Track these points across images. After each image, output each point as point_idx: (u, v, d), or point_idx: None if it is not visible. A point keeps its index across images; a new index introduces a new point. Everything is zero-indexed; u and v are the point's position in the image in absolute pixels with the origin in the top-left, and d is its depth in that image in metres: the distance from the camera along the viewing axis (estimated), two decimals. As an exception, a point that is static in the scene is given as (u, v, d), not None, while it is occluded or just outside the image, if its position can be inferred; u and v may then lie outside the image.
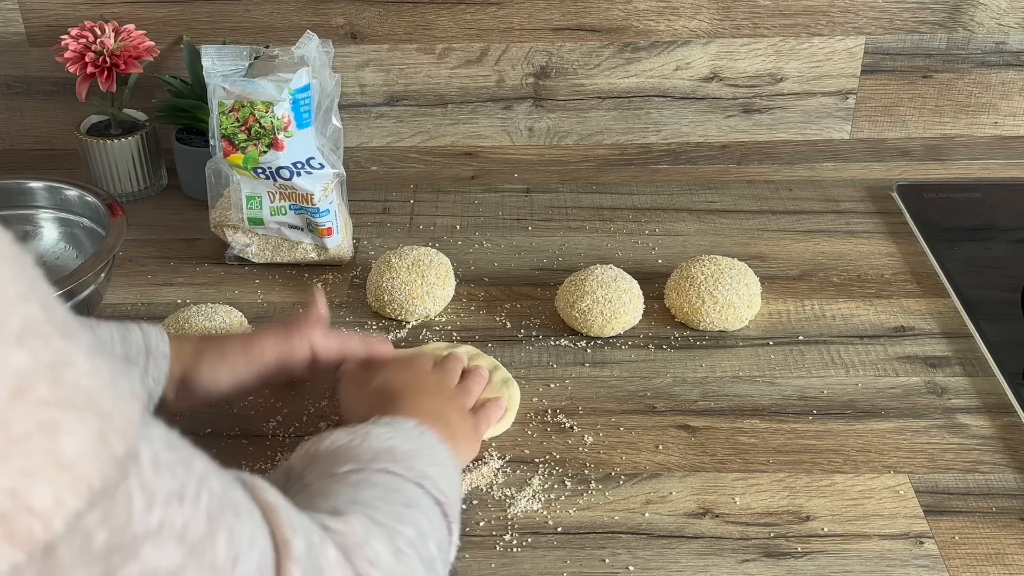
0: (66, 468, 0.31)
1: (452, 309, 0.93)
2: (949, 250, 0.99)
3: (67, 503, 0.31)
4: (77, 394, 0.32)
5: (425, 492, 0.58)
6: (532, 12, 1.11)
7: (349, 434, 0.60)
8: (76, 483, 0.31)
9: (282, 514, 0.42)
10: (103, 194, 0.96)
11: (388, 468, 0.58)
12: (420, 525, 0.55)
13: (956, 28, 1.12)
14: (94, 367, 0.34)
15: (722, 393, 0.84)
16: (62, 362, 0.32)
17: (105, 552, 0.32)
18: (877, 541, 0.71)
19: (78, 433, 0.32)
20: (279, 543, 0.40)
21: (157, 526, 0.34)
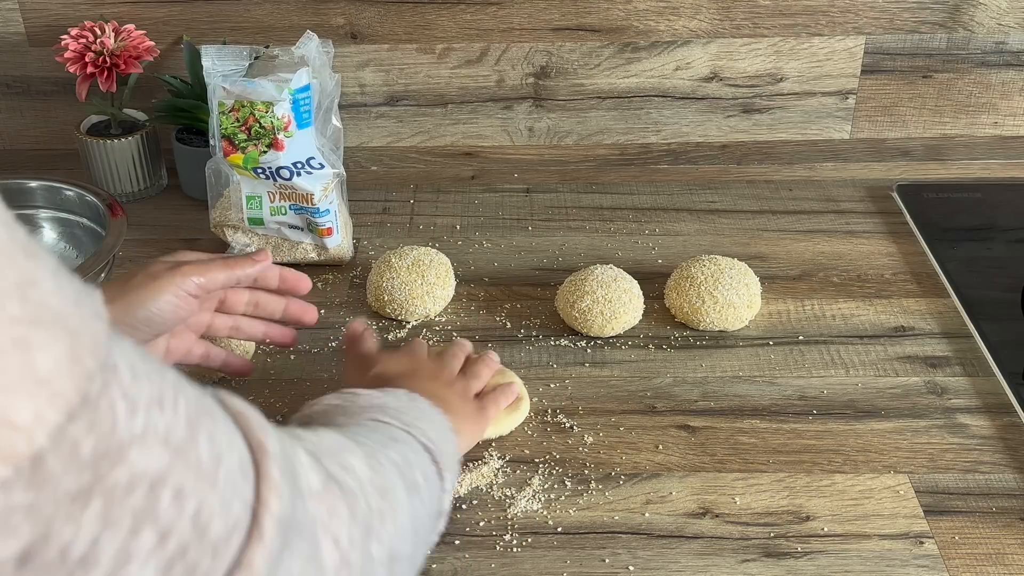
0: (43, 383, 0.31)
1: (452, 309, 0.93)
2: (949, 250, 0.99)
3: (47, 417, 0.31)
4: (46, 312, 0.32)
5: (413, 437, 0.59)
6: (532, 12, 1.11)
7: (339, 396, 0.62)
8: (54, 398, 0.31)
9: (253, 420, 0.42)
10: (103, 194, 0.96)
11: (376, 417, 0.60)
12: (405, 455, 0.56)
13: (956, 28, 1.12)
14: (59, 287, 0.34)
15: (722, 393, 0.84)
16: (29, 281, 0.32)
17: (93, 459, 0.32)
18: (877, 541, 0.71)
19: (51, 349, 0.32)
20: (254, 445, 0.41)
21: (142, 431, 0.34)
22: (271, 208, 0.96)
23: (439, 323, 0.92)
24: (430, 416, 0.64)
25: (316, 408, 0.62)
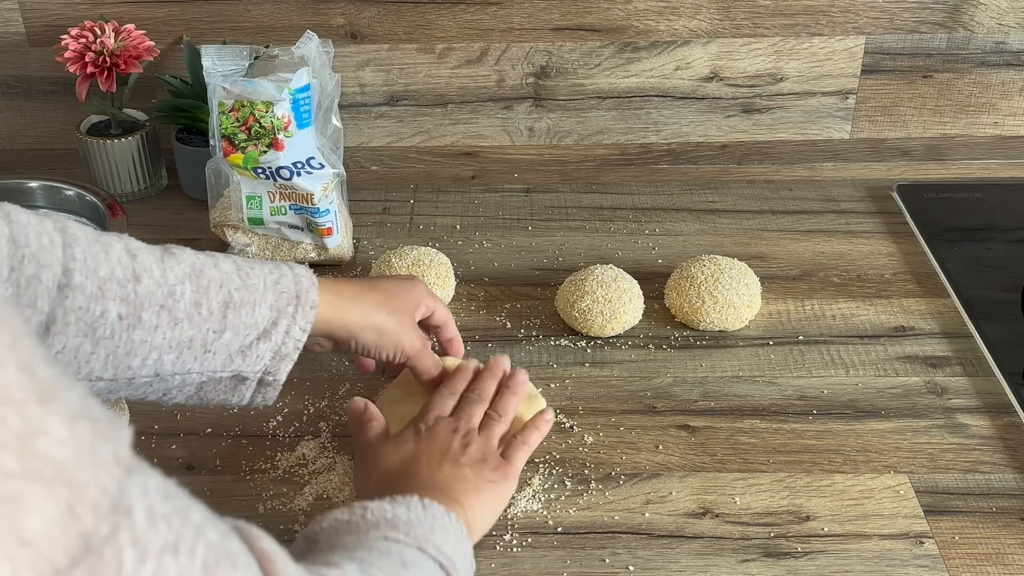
0: (27, 544, 0.30)
1: (452, 309, 0.93)
2: (949, 250, 0.99)
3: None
4: (47, 466, 0.31)
5: (427, 556, 0.57)
6: (532, 12, 1.11)
7: (349, 511, 0.60)
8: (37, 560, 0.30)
9: (278, 565, 0.41)
10: (103, 194, 0.97)
11: (387, 535, 0.57)
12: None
13: (956, 28, 1.12)
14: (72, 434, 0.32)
15: (722, 393, 0.84)
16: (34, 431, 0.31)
17: None
18: (877, 541, 0.71)
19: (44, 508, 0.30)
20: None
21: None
22: (271, 208, 0.96)
23: (439, 323, 0.92)
24: (444, 525, 0.61)
25: (324, 525, 0.59)
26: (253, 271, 0.67)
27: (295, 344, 0.68)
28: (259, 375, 0.67)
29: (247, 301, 0.66)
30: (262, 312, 0.66)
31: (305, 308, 0.68)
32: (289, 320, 0.67)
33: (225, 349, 0.65)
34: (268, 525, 0.71)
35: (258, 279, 0.67)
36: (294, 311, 0.67)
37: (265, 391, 0.69)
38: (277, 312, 0.67)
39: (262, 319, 0.66)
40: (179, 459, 0.78)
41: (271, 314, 0.66)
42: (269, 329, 0.66)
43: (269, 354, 0.67)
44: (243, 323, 0.65)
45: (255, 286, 0.66)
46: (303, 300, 0.68)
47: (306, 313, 0.68)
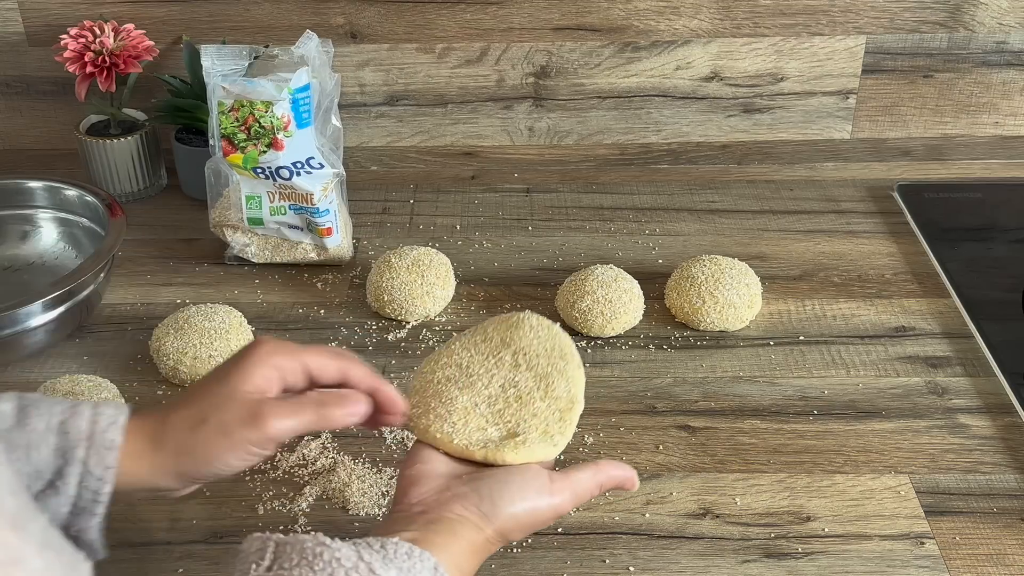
0: None
1: (452, 309, 0.93)
2: (950, 250, 0.99)
3: None
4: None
5: None
6: (532, 12, 1.10)
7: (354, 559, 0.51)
8: None
9: None
10: (103, 194, 0.96)
11: None
12: None
13: (957, 28, 1.12)
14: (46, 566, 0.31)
15: (722, 393, 0.84)
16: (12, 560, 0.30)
17: None
18: (878, 542, 0.70)
19: None
20: None
21: None
22: (271, 208, 0.95)
23: (439, 323, 0.92)
24: None
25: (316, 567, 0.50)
26: (38, 410, 0.56)
27: (95, 496, 0.55)
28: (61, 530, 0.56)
29: (19, 444, 0.55)
30: (43, 457, 0.55)
31: (100, 450, 0.55)
32: (80, 468, 0.55)
33: None
34: (268, 526, 0.71)
35: (39, 421, 0.56)
36: (85, 455, 0.55)
37: (85, 547, 0.57)
38: (63, 459, 0.55)
39: (45, 467, 0.55)
40: (178, 459, 0.78)
41: (56, 461, 0.55)
42: (56, 480, 0.55)
43: (65, 508, 0.55)
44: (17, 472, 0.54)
45: (33, 426, 0.55)
46: (97, 441, 0.56)
47: (102, 456, 0.55)
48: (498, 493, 0.59)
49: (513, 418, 0.63)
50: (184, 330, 0.84)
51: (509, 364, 0.65)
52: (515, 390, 0.64)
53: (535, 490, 0.59)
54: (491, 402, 0.63)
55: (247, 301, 0.95)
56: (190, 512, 0.73)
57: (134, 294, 0.96)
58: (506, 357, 0.65)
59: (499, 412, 0.63)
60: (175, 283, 0.98)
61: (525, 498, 0.59)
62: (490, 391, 0.64)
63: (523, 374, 0.65)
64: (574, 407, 0.64)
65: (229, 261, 1.00)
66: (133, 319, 0.93)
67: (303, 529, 0.71)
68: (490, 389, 0.64)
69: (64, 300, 0.86)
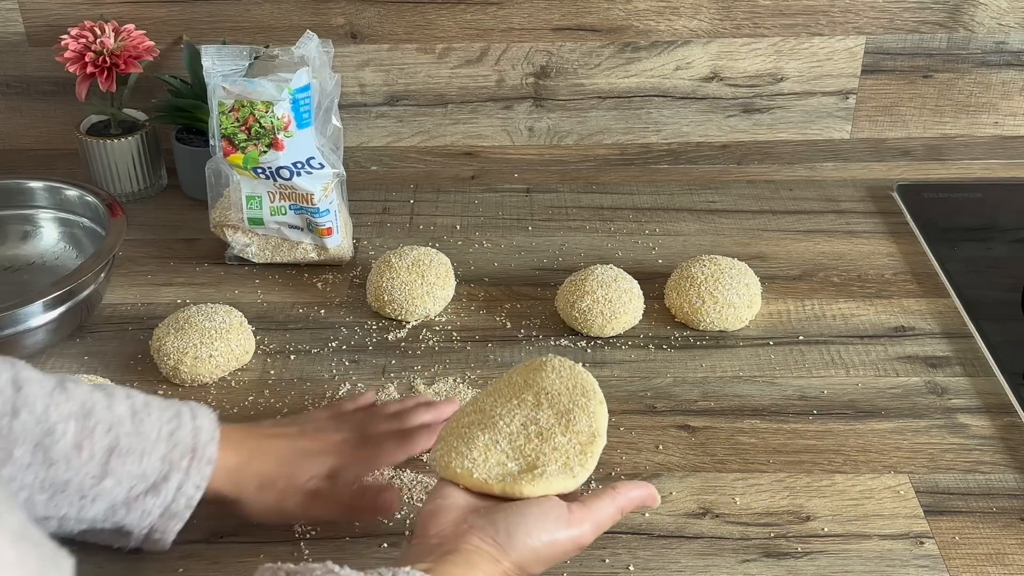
0: None
1: (452, 309, 0.93)
2: (949, 250, 0.99)
3: None
4: None
5: None
6: (532, 12, 1.11)
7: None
8: None
9: None
10: (103, 194, 0.96)
11: None
12: None
13: (956, 28, 1.12)
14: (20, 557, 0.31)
15: (722, 393, 0.84)
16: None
17: None
18: (877, 541, 0.70)
19: None
20: None
21: None
22: (271, 208, 0.96)
23: (439, 323, 0.92)
24: None
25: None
26: (150, 417, 0.63)
27: (187, 503, 0.63)
28: (145, 531, 0.63)
29: (134, 449, 0.61)
30: (151, 463, 0.62)
31: (201, 463, 0.63)
32: (182, 476, 0.63)
33: (107, 498, 0.61)
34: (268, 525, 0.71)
35: (152, 428, 0.63)
36: (188, 465, 0.63)
37: (154, 545, 0.65)
38: (169, 465, 0.62)
39: (152, 471, 0.62)
40: (179, 459, 0.78)
41: (162, 467, 0.62)
42: (159, 483, 0.62)
43: (158, 510, 0.62)
44: (127, 472, 0.61)
45: (147, 435, 0.62)
46: (199, 455, 0.63)
47: (201, 469, 0.63)
48: (515, 525, 0.59)
49: (533, 453, 0.63)
50: (184, 330, 0.84)
51: (531, 404, 0.66)
52: (536, 427, 0.64)
53: (553, 521, 0.60)
54: (512, 439, 0.64)
55: (247, 301, 0.95)
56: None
57: (134, 294, 0.96)
58: (528, 397, 0.66)
59: (519, 448, 0.63)
60: (175, 283, 0.98)
61: (544, 529, 0.59)
62: (511, 429, 0.64)
63: (544, 412, 0.65)
64: (596, 441, 0.64)
65: (229, 261, 1.00)
66: (133, 319, 0.93)
67: (302, 531, 0.71)
68: (511, 427, 0.64)
69: (64, 300, 0.86)
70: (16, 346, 0.85)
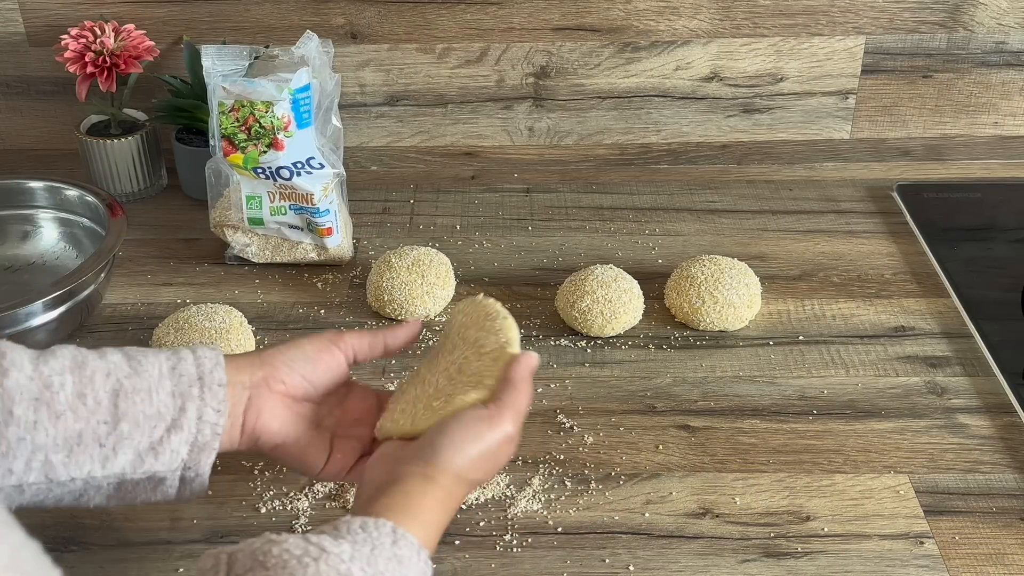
0: None
1: (452, 309, 0.93)
2: (949, 250, 0.99)
3: None
4: None
5: None
6: (532, 12, 1.11)
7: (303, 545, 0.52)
8: None
9: None
10: (103, 194, 0.96)
11: None
12: None
13: (956, 28, 1.12)
14: None
15: (722, 393, 0.84)
16: None
17: None
18: (877, 541, 0.71)
19: None
20: None
21: None
22: (271, 208, 0.96)
23: (439, 323, 0.92)
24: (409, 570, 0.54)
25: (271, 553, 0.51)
26: (146, 358, 0.62)
27: (213, 430, 0.61)
28: (178, 472, 0.61)
29: (140, 388, 0.60)
30: (162, 399, 0.60)
31: (213, 387, 0.61)
32: (198, 403, 0.61)
33: (130, 447, 0.59)
34: (268, 525, 0.71)
35: (151, 365, 0.61)
36: (200, 392, 0.61)
37: (191, 486, 0.62)
38: (181, 398, 0.61)
39: (166, 408, 0.60)
40: (179, 459, 0.78)
41: (175, 401, 0.60)
42: (178, 418, 0.60)
43: (185, 447, 0.60)
44: (141, 413, 0.59)
45: (148, 372, 0.61)
46: (207, 381, 0.62)
47: (215, 392, 0.61)
48: (437, 439, 0.60)
49: (451, 386, 0.65)
50: (184, 330, 0.84)
51: (449, 349, 0.68)
52: (454, 366, 0.66)
53: (472, 420, 0.61)
54: (436, 385, 0.66)
55: (247, 301, 0.95)
56: (190, 512, 0.73)
57: (134, 294, 0.96)
58: (447, 346, 0.68)
59: (441, 389, 0.65)
60: (175, 283, 0.98)
61: (464, 431, 0.60)
62: (435, 378, 0.66)
63: (459, 351, 0.67)
64: (504, 350, 0.65)
65: (229, 261, 1.00)
66: (134, 319, 0.93)
67: (303, 529, 0.71)
68: (435, 377, 0.67)
69: (65, 300, 0.86)
70: (16, 346, 0.85)
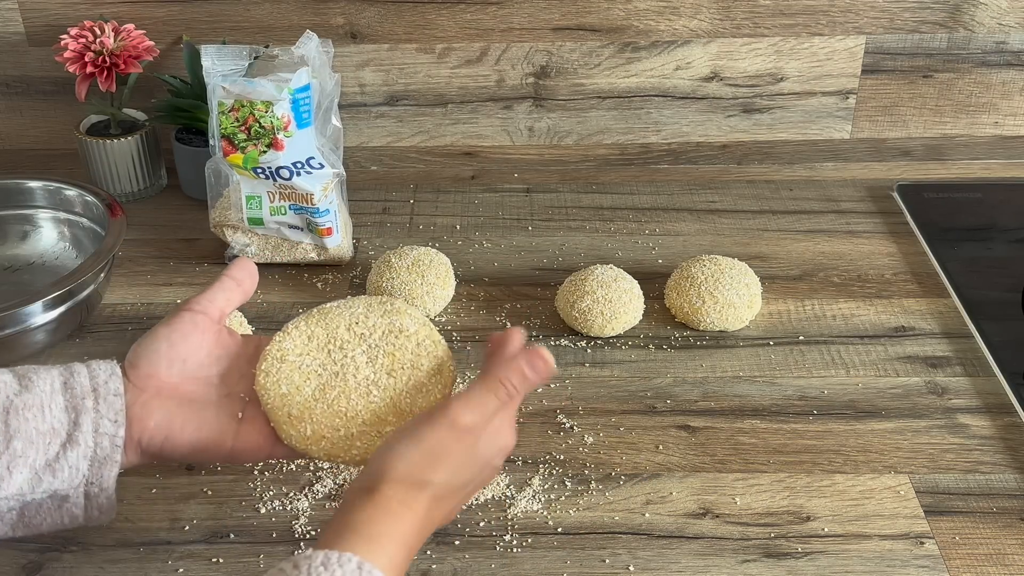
0: None
1: (452, 309, 0.93)
2: (950, 250, 0.99)
3: None
4: None
5: None
6: (532, 12, 1.11)
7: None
8: None
9: None
10: (103, 194, 0.96)
11: None
12: None
13: (956, 28, 1.12)
14: None
15: (722, 393, 0.84)
16: None
17: None
18: (877, 541, 0.70)
19: None
20: None
21: None
22: (271, 208, 0.96)
23: (439, 323, 0.92)
24: None
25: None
26: (38, 375, 0.60)
27: (112, 441, 0.59)
28: (81, 489, 0.59)
29: (31, 404, 0.58)
30: (55, 415, 0.58)
31: (108, 398, 0.59)
32: (93, 416, 0.59)
33: (25, 466, 0.57)
34: (268, 525, 0.71)
35: (43, 381, 0.59)
36: (95, 404, 0.59)
37: (98, 502, 0.60)
38: (75, 411, 0.59)
39: (60, 424, 0.58)
40: (179, 459, 0.78)
41: (69, 415, 0.59)
42: (73, 432, 0.58)
43: (85, 462, 0.59)
44: (34, 429, 0.58)
45: (39, 388, 0.59)
46: (102, 392, 0.60)
47: (111, 403, 0.59)
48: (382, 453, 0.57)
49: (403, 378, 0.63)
50: (184, 330, 0.84)
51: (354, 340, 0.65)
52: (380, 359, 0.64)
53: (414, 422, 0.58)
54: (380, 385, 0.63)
55: (247, 301, 0.94)
56: (190, 512, 0.73)
57: (134, 294, 0.96)
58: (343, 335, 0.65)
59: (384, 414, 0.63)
60: (175, 283, 0.98)
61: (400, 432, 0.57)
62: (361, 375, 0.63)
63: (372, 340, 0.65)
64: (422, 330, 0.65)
65: (229, 261, 1.00)
66: (133, 319, 0.93)
67: (303, 529, 0.71)
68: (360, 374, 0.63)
69: (64, 300, 0.86)
70: (16, 346, 0.85)
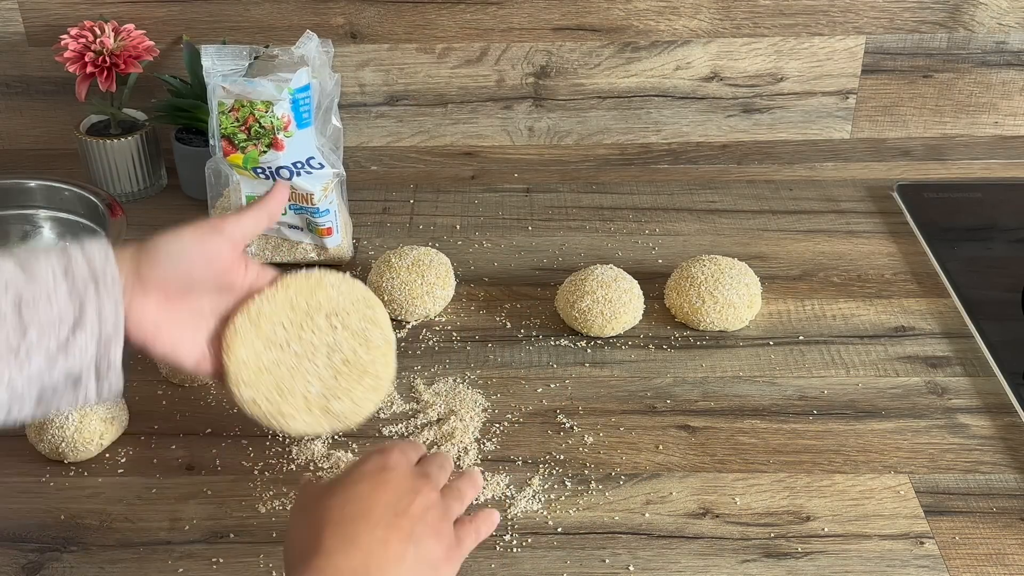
0: None
1: (452, 309, 0.93)
2: (949, 250, 0.99)
3: None
4: None
5: None
6: (532, 12, 1.11)
7: None
8: None
9: None
10: (102, 194, 0.96)
11: None
12: None
13: (956, 28, 1.12)
14: None
15: (722, 393, 0.84)
16: None
17: None
18: (877, 541, 0.71)
19: None
20: None
21: None
22: (271, 208, 0.95)
23: (439, 323, 0.92)
24: None
25: None
26: (38, 262, 0.63)
27: (115, 322, 0.63)
28: (92, 366, 0.63)
29: (39, 296, 0.61)
30: (61, 303, 0.62)
31: (107, 284, 0.63)
32: (96, 303, 0.63)
33: (41, 351, 0.61)
34: (268, 525, 0.71)
35: (44, 270, 0.63)
36: (96, 292, 0.63)
37: (109, 379, 0.64)
38: (79, 298, 0.62)
39: (66, 311, 0.62)
40: (179, 459, 0.78)
41: (73, 302, 0.62)
42: (80, 318, 0.62)
43: (92, 343, 0.62)
44: (45, 319, 0.61)
45: (42, 278, 0.62)
46: (101, 279, 0.63)
47: (110, 289, 0.63)
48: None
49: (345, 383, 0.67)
50: (184, 330, 0.84)
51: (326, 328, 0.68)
52: (340, 355, 0.68)
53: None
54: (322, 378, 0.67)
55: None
56: (190, 512, 0.73)
57: (134, 294, 0.96)
58: (320, 322, 0.68)
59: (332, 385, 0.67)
60: (175, 283, 0.98)
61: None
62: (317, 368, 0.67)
63: (341, 335, 0.68)
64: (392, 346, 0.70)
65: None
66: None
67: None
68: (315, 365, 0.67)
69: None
70: (16, 346, 0.85)
